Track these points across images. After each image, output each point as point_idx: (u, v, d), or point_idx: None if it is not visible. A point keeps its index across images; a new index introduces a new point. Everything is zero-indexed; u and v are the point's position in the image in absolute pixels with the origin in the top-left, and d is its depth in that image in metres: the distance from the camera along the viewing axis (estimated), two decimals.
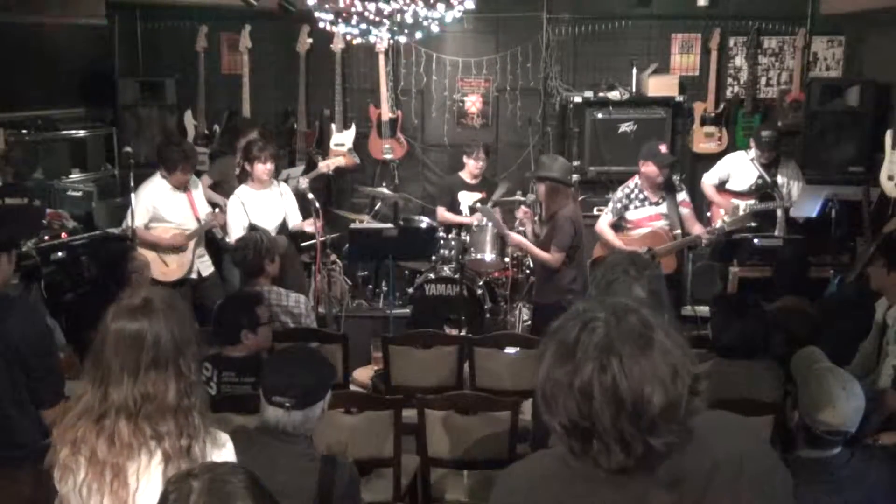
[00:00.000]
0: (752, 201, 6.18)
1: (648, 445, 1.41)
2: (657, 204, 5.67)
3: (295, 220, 5.79)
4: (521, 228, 5.75)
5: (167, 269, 5.69)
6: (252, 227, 5.25)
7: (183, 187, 5.66)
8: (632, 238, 5.66)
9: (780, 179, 6.23)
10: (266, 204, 5.63)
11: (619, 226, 5.78)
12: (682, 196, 5.76)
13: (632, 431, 1.40)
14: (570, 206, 5.21)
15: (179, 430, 2.05)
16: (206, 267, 5.91)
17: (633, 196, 5.70)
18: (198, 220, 5.73)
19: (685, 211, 5.72)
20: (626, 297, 2.17)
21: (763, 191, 6.23)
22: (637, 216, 5.69)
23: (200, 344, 2.20)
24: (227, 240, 5.62)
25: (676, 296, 5.86)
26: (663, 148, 5.72)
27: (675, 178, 6.19)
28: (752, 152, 6.26)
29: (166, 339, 2.07)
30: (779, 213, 6.21)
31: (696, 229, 5.69)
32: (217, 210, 5.84)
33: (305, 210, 5.89)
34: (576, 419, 1.42)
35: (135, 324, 2.06)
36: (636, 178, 5.72)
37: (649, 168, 5.58)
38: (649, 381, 1.40)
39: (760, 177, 6.20)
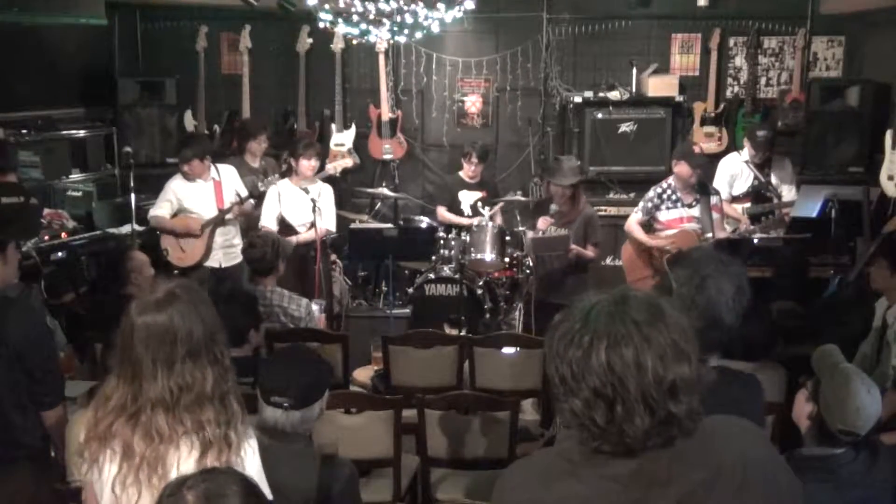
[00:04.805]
0: (747, 204, 6.15)
1: (670, 412, 1.43)
2: (690, 206, 5.57)
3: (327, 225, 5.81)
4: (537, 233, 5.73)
5: (183, 254, 5.78)
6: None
7: (205, 177, 5.74)
8: (660, 238, 5.63)
9: (774, 179, 6.20)
10: (300, 201, 5.74)
11: (649, 226, 5.73)
12: (715, 200, 5.67)
13: (655, 395, 1.42)
14: (588, 205, 5.37)
15: (218, 416, 2.02)
16: (229, 258, 5.84)
17: (665, 196, 5.61)
18: (220, 210, 5.77)
19: (717, 216, 5.63)
20: (718, 293, 2.16)
21: (758, 192, 6.20)
22: (668, 217, 5.61)
23: (222, 325, 2.16)
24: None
25: None
26: (697, 149, 5.67)
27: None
28: (746, 153, 6.22)
29: (198, 328, 2.03)
30: (776, 213, 6.16)
31: (723, 235, 5.63)
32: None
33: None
34: (598, 388, 1.43)
35: (163, 316, 2.02)
36: (670, 179, 5.66)
37: (682, 168, 5.51)
38: (668, 346, 1.43)
39: (756, 178, 6.16)
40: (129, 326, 2.04)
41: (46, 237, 5.74)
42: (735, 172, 6.26)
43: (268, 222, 5.73)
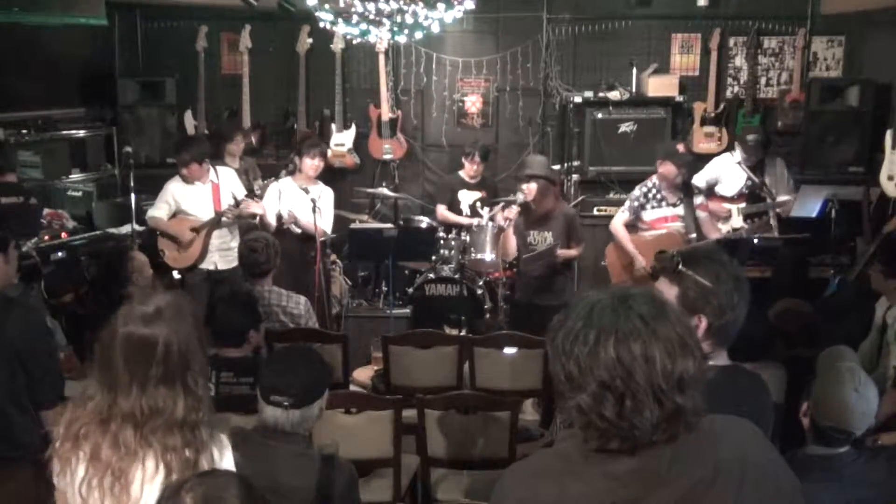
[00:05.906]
0: (742, 204, 6.14)
1: (678, 404, 1.43)
2: (674, 205, 5.56)
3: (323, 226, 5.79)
4: (501, 223, 5.65)
5: (178, 255, 5.80)
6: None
7: (203, 180, 5.77)
8: (645, 239, 5.60)
9: (767, 180, 6.18)
10: (300, 200, 5.74)
11: (634, 226, 5.72)
12: (700, 199, 5.66)
13: (664, 387, 1.42)
14: (565, 204, 5.30)
15: (186, 443, 2.03)
16: (226, 261, 5.82)
17: (650, 195, 5.59)
18: (216, 212, 5.77)
19: (702, 214, 5.61)
20: (744, 273, 2.16)
21: (753, 192, 6.19)
22: (653, 216, 5.60)
23: (206, 352, 2.17)
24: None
25: None
26: (681, 147, 5.65)
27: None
28: (738, 155, 6.21)
29: (175, 352, 2.03)
30: (770, 213, 6.15)
31: (714, 234, 5.61)
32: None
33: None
34: (607, 381, 1.43)
35: (145, 331, 2.03)
36: (654, 178, 5.64)
37: (667, 168, 5.49)
38: (674, 341, 1.44)
39: (749, 178, 6.15)
40: (112, 335, 2.05)
41: (46, 237, 5.74)
42: (724, 173, 6.20)
43: (267, 217, 5.77)
